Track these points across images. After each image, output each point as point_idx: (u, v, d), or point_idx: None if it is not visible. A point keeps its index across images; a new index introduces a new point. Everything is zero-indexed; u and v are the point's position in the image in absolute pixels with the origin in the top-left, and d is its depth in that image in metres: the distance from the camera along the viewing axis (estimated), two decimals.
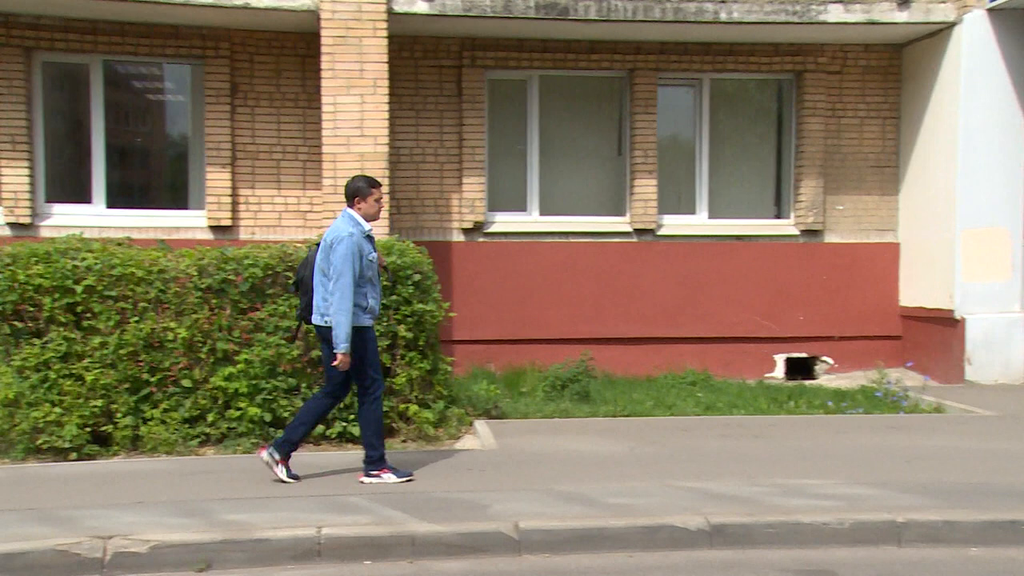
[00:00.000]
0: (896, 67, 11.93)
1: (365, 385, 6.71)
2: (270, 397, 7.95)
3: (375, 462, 6.74)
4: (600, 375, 10.85)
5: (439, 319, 8.43)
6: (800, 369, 11.97)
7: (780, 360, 11.94)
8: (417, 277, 8.27)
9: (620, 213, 11.87)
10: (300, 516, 5.82)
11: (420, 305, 8.22)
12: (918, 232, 11.73)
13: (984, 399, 10.02)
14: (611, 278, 11.61)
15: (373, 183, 6.76)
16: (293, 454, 6.84)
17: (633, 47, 11.58)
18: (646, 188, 11.67)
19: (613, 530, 5.71)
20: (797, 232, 11.93)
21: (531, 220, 11.73)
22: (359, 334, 6.56)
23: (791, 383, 11.35)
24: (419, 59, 11.39)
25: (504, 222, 11.58)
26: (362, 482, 6.70)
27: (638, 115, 11.65)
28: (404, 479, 6.72)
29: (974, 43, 10.93)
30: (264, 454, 6.76)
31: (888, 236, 12.04)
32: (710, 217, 11.97)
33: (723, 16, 10.82)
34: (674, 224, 11.81)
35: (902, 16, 11.01)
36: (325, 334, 6.60)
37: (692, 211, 11.97)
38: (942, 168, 11.25)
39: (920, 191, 11.68)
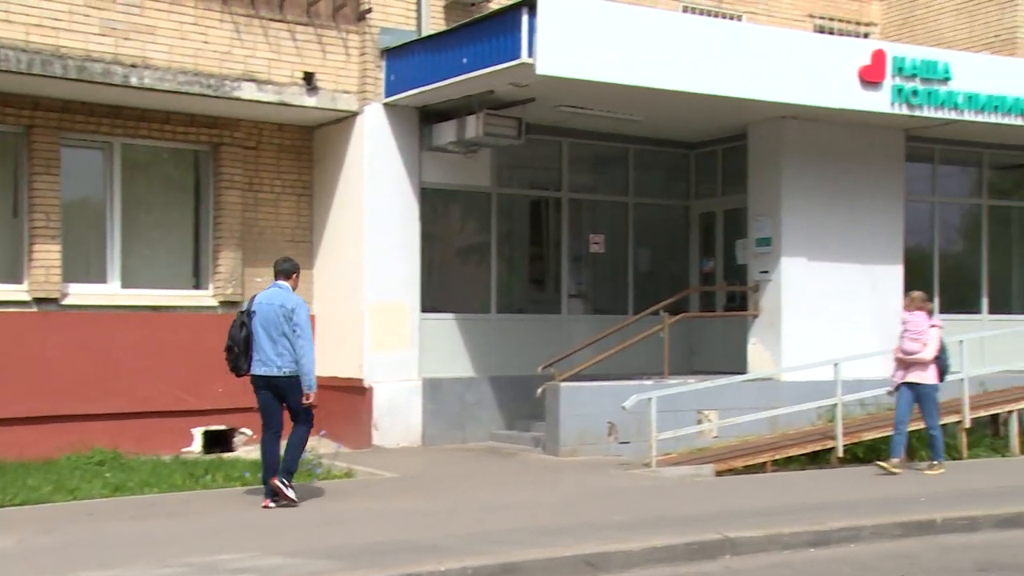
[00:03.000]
0: (309, 148, 12.53)
1: (308, 415, 8.37)
2: None
3: (291, 474, 8.26)
4: None
5: None
6: (220, 441, 11.80)
7: (197, 433, 11.67)
8: None
9: (17, 280, 10.78)
10: None
11: None
12: (332, 305, 12.34)
13: (389, 462, 10.75)
14: (6, 352, 10.44)
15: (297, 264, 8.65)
16: None
17: (31, 102, 10.70)
18: (48, 254, 10.76)
19: None
20: (216, 303, 11.85)
21: None
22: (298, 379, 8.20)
23: (209, 456, 11.14)
24: None
25: None
26: (280, 486, 8.14)
27: (38, 175, 10.75)
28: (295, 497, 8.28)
29: (375, 132, 11.91)
30: (287, 492, 8.19)
31: None
32: (123, 287, 11.40)
33: (134, 81, 10.48)
34: (82, 293, 11.04)
35: (311, 101, 11.62)
36: (278, 382, 8.18)
37: (103, 280, 11.29)
38: (351, 244, 12.01)
39: (333, 266, 12.33)
